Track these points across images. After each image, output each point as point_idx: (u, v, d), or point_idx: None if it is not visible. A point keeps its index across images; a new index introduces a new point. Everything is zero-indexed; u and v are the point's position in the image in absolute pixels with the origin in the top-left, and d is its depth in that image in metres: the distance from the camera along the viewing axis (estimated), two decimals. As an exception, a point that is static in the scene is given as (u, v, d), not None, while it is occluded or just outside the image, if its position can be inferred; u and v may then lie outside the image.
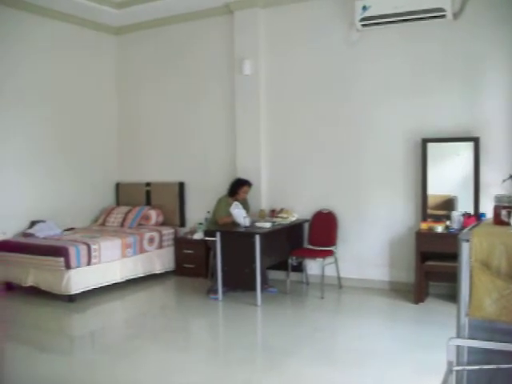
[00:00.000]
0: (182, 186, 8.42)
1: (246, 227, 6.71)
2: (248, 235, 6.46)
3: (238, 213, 6.80)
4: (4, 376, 4.62)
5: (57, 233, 7.59)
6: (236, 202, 6.97)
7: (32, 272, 6.93)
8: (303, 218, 7.38)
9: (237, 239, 6.64)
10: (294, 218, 7.20)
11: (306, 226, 7.41)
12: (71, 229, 8.04)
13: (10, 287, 7.32)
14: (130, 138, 9.01)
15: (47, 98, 8.03)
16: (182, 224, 8.45)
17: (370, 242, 7.08)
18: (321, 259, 6.87)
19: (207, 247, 7.45)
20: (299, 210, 7.40)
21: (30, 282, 6.96)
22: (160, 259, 7.93)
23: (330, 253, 7.00)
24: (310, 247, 7.28)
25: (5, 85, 7.46)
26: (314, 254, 7.02)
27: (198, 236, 7.88)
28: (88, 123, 8.65)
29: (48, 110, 8.04)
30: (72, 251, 6.66)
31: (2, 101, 7.41)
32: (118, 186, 9.08)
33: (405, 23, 6.56)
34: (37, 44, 7.86)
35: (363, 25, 6.73)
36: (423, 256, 6.24)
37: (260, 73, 7.64)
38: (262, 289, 6.50)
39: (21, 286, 7.10)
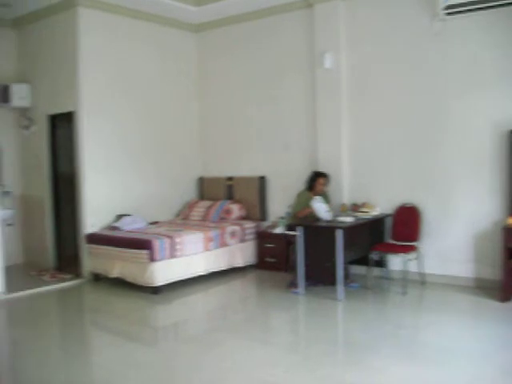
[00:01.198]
0: (263, 180, 8.48)
1: (327, 221, 6.69)
2: (330, 229, 6.42)
3: (320, 207, 6.77)
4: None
5: (142, 226, 7.83)
6: (317, 196, 6.95)
7: (118, 264, 7.19)
8: (385, 213, 7.26)
9: (318, 233, 6.62)
10: (376, 213, 7.10)
11: (389, 221, 7.29)
12: (155, 222, 8.27)
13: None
14: (212, 133, 9.15)
15: (133, 95, 8.29)
16: (264, 218, 8.51)
17: (455, 238, 6.87)
18: (403, 254, 6.73)
19: (288, 241, 7.47)
20: (381, 204, 7.28)
21: (116, 273, 7.23)
22: (241, 253, 8.02)
23: (413, 248, 6.85)
24: (393, 242, 7.16)
25: (92, 84, 7.75)
26: (396, 249, 6.89)
27: (280, 230, 7.92)
28: (171, 120, 8.86)
29: (133, 108, 8.30)
30: (156, 244, 6.85)
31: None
32: (200, 180, 9.24)
33: (492, 9, 6.32)
34: (122, 43, 8.13)
35: (447, 13, 6.54)
36: (511, 252, 6.01)
37: (341, 66, 7.56)
38: (344, 284, 6.45)
39: (107, 276, 7.39)
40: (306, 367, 4.52)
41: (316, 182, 7.23)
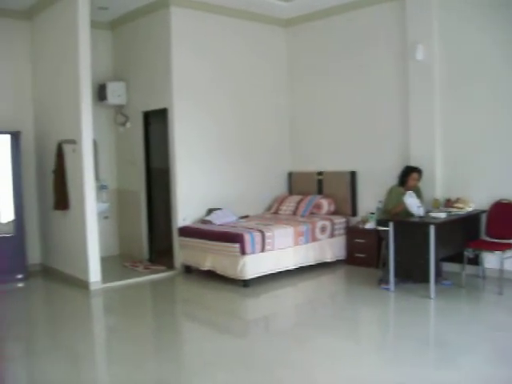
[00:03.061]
0: (353, 174, 8.38)
1: (420, 217, 6.53)
2: (422, 225, 6.27)
3: (412, 202, 6.63)
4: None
5: (232, 220, 7.92)
6: (410, 191, 6.79)
7: (210, 257, 7.32)
8: (480, 209, 7.00)
9: (410, 229, 6.48)
10: (470, 209, 6.85)
11: (483, 217, 7.03)
12: (246, 216, 8.35)
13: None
14: (302, 127, 9.14)
15: (224, 91, 8.41)
16: (354, 213, 8.41)
17: (557, 236, 6.55)
18: (500, 252, 6.46)
19: (379, 237, 7.34)
20: (476, 200, 7.02)
21: (207, 266, 7.36)
22: (331, 248, 7.97)
23: (510, 246, 6.57)
24: (488, 239, 6.89)
25: (185, 81, 7.92)
26: (492, 247, 6.62)
27: (370, 225, 7.81)
28: (262, 114, 8.91)
29: (224, 103, 8.42)
30: (247, 238, 6.91)
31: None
32: (290, 175, 9.25)
33: None
34: (213, 41, 8.26)
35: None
36: None
37: (434, 57, 7.34)
38: (436, 281, 6.27)
39: (199, 269, 7.54)
40: (395, 365, 4.44)
41: (409, 177, 7.06)
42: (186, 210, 7.92)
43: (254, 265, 6.98)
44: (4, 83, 8.11)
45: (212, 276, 7.38)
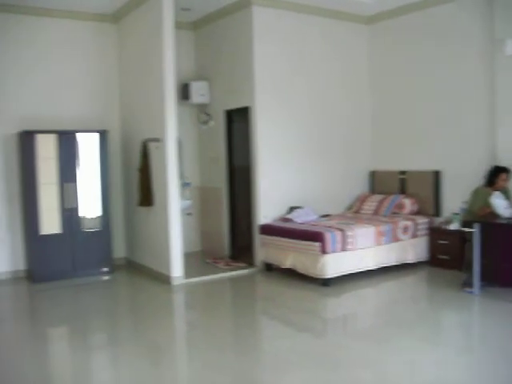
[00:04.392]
0: (437, 174, 8.17)
1: (507, 219, 6.31)
2: (509, 227, 6.06)
3: (499, 203, 6.41)
4: None
5: (313, 219, 7.91)
6: (497, 192, 6.58)
7: (290, 255, 7.34)
8: None
9: (497, 231, 6.28)
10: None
11: None
12: (327, 215, 8.31)
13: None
14: (385, 126, 8.99)
15: (305, 89, 8.40)
16: (437, 213, 8.20)
17: None
18: None
19: (463, 238, 7.12)
20: None
21: (288, 264, 7.38)
22: (413, 249, 7.81)
23: None
24: None
25: (266, 80, 7.97)
26: None
27: (454, 226, 7.59)
28: (343, 113, 8.84)
29: (305, 102, 8.41)
30: (328, 237, 6.88)
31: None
32: (372, 174, 9.13)
33: None
34: (294, 39, 8.27)
35: None
36: None
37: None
38: (524, 286, 6.07)
39: (279, 267, 7.57)
40: (477, 370, 4.32)
41: (498, 177, 6.82)
42: (267, 208, 7.97)
43: (334, 264, 6.94)
44: (93, 84, 8.45)
45: (292, 274, 7.39)
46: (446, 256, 7.67)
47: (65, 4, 7.87)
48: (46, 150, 7.53)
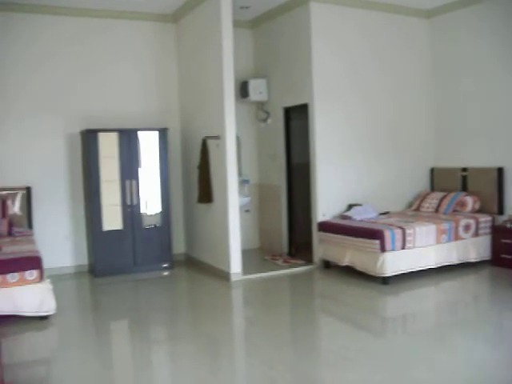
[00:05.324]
0: (500, 171, 7.95)
1: None
2: None
3: None
4: None
5: (372, 216, 7.83)
6: None
7: (349, 252, 7.29)
8: None
9: None
10: None
11: None
12: (386, 213, 8.22)
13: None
14: (446, 122, 8.80)
15: (363, 86, 8.32)
16: (500, 211, 7.99)
17: None
18: None
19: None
20: None
21: (346, 261, 7.34)
22: (475, 247, 7.63)
23: None
24: None
25: (325, 76, 7.93)
26: None
27: (518, 225, 7.40)
28: (402, 109, 8.70)
29: (363, 98, 8.33)
30: (387, 234, 6.81)
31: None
32: (432, 171, 8.97)
33: None
34: (352, 34, 8.20)
35: None
36: None
37: None
38: None
39: (338, 264, 7.53)
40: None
41: None
42: (325, 205, 7.94)
43: (393, 262, 6.86)
44: (154, 83, 8.61)
45: (350, 272, 7.35)
46: (510, 255, 7.46)
47: (127, 5, 8.05)
48: (108, 148, 7.72)
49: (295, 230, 8.68)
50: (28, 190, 7.74)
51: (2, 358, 3.81)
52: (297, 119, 8.42)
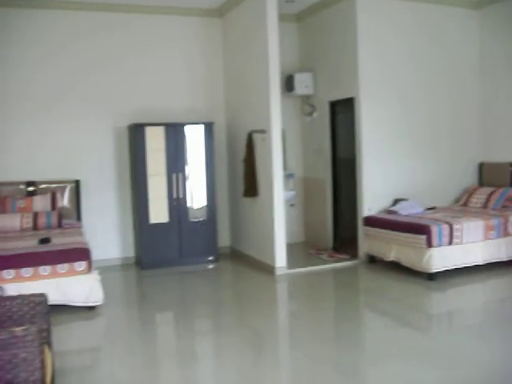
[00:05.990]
0: (552, 166, 7.77)
1: None
2: None
3: None
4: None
5: (419, 211, 7.73)
6: None
7: (394, 247, 7.23)
8: None
9: None
10: None
11: None
12: (432, 208, 8.10)
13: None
14: (495, 116, 8.59)
15: (409, 80, 8.21)
16: (552, 207, 7.81)
17: None
18: None
19: None
20: None
21: (392, 256, 7.28)
22: (525, 244, 7.48)
23: None
24: None
25: (371, 70, 7.86)
26: None
27: None
28: (449, 103, 8.53)
29: (410, 92, 8.21)
30: (434, 230, 6.73)
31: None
32: (481, 165, 8.79)
33: None
34: (399, 27, 8.09)
35: None
36: None
37: None
38: None
39: (383, 259, 7.48)
40: None
41: None
42: (371, 200, 7.88)
43: (440, 258, 6.77)
44: (199, 77, 8.68)
45: (396, 267, 7.28)
46: (561, 252, 7.29)
47: (174, 1, 8.14)
48: (155, 141, 7.82)
49: (340, 225, 8.64)
50: (77, 183, 7.91)
51: (53, 346, 3.92)
52: (342, 113, 8.37)
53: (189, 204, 8.05)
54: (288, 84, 8.70)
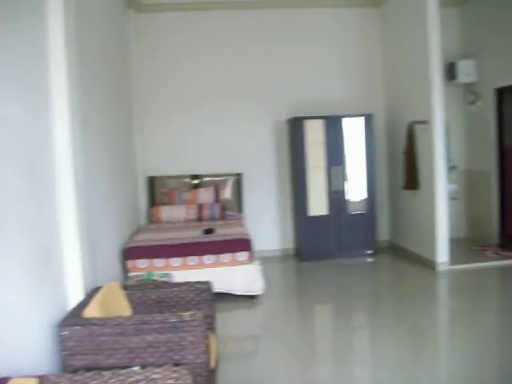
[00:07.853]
0: None
1: None
2: None
3: None
4: None
5: None
6: None
7: None
8: None
9: None
10: None
11: None
12: None
13: None
14: None
15: None
16: None
17: None
18: None
19: None
20: None
21: None
22: None
23: None
24: None
25: None
26: None
27: None
28: None
29: None
30: None
31: None
32: None
33: None
34: None
35: None
36: None
37: None
38: None
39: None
40: None
41: None
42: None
43: None
44: (357, 69, 8.62)
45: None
46: None
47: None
48: (314, 134, 7.89)
49: (507, 220, 8.16)
50: (238, 176, 8.19)
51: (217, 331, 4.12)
52: (510, 101, 7.89)
53: (348, 197, 8.03)
54: (449, 72, 8.36)
